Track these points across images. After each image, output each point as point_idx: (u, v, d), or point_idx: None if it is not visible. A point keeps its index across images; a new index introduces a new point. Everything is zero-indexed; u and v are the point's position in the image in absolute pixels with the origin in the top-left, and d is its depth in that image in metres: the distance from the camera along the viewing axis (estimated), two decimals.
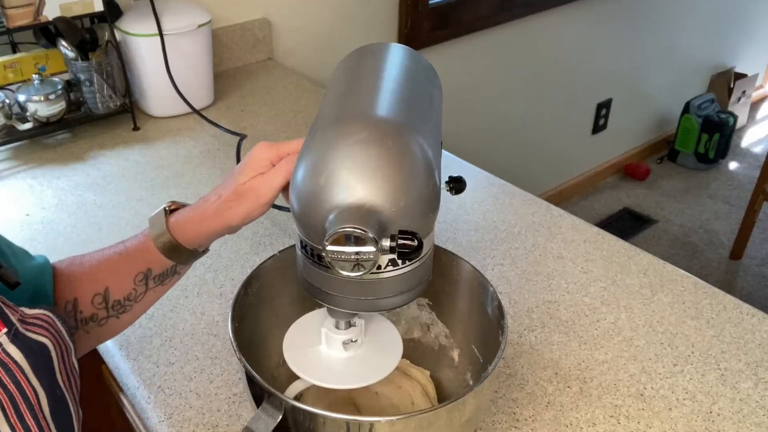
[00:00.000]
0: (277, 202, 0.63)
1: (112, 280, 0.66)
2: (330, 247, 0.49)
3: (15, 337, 0.49)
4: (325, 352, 0.62)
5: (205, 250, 0.69)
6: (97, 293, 0.65)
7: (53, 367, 0.52)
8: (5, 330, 0.49)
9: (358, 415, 0.71)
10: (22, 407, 0.48)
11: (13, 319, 0.50)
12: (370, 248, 0.48)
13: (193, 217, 0.64)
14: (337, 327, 0.61)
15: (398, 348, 0.65)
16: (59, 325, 0.54)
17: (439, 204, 0.55)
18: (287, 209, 1.03)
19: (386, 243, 0.49)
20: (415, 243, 0.48)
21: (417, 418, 0.57)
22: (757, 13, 3.35)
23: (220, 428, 0.74)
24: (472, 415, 0.62)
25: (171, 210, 0.66)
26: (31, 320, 0.52)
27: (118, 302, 0.66)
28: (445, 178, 0.64)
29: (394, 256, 0.51)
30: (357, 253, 0.49)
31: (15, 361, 0.49)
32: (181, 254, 0.65)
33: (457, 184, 0.65)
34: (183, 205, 0.67)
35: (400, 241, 0.48)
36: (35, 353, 0.50)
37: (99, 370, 0.94)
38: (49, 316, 0.54)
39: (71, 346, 0.55)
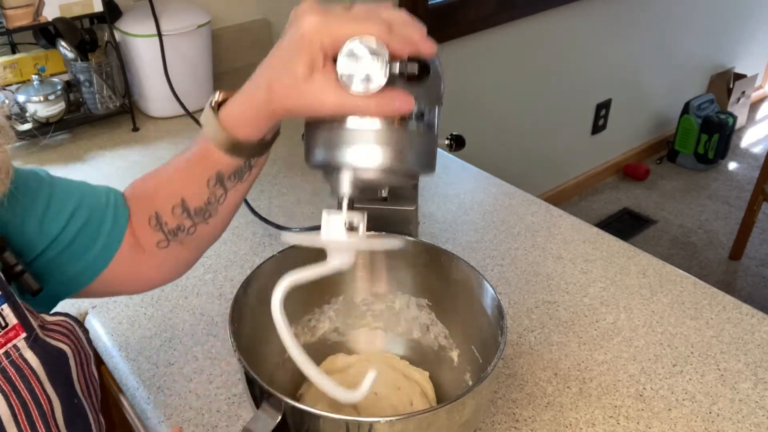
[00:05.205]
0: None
1: (186, 190, 0.61)
2: (342, 59, 0.49)
3: (34, 342, 0.49)
4: (326, 235, 0.56)
5: (276, 134, 0.60)
6: (175, 205, 0.61)
7: (71, 375, 0.52)
8: (24, 335, 0.49)
9: (357, 416, 0.71)
10: (35, 414, 0.48)
11: (34, 324, 0.50)
12: (381, 58, 0.48)
13: (247, 110, 0.55)
14: (339, 207, 0.55)
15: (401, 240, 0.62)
16: (79, 332, 0.54)
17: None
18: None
19: (395, 67, 0.49)
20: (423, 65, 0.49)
21: (416, 418, 0.57)
22: (757, 13, 3.36)
23: (219, 429, 0.74)
24: (472, 416, 0.62)
25: (219, 103, 0.57)
26: (51, 326, 0.52)
27: (200, 208, 0.61)
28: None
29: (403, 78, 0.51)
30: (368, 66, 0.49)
31: (31, 368, 0.49)
32: (247, 150, 0.57)
33: (457, 141, 0.64)
34: (231, 93, 0.57)
35: (409, 62, 0.49)
36: (53, 359, 0.50)
37: (99, 370, 0.94)
38: (69, 323, 0.53)
39: (90, 354, 0.55)
